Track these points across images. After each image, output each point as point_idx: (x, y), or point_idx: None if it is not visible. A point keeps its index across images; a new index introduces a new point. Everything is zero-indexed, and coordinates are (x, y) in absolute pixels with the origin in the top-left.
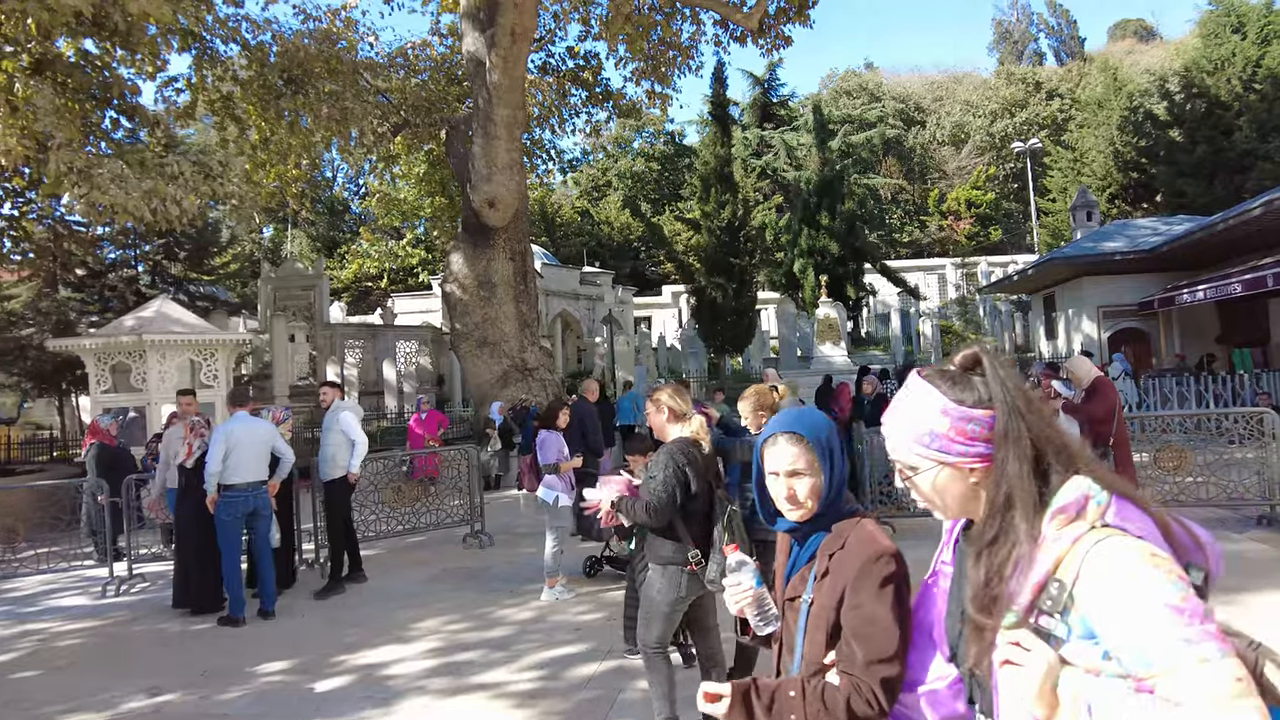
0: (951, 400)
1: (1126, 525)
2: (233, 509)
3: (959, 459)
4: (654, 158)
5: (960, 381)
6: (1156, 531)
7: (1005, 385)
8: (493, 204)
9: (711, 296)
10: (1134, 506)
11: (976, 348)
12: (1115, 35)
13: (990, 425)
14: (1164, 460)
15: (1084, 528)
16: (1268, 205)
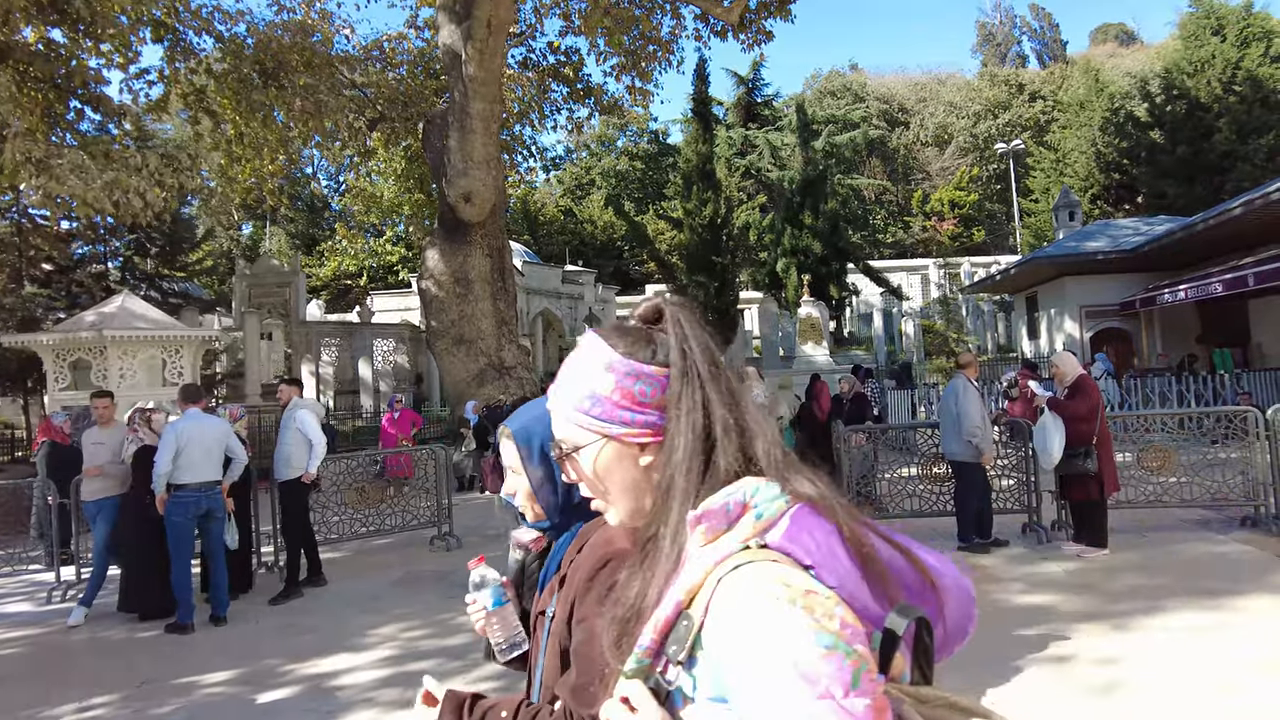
0: (620, 353)
1: (792, 548)
2: (183, 510)
3: (623, 429)
4: (638, 156)
5: (637, 335)
6: (847, 561)
7: (688, 341)
8: (469, 199)
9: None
10: (825, 526)
11: (659, 299)
12: (1096, 39)
13: (665, 387)
14: (1147, 460)
15: (731, 546)
16: (1247, 205)
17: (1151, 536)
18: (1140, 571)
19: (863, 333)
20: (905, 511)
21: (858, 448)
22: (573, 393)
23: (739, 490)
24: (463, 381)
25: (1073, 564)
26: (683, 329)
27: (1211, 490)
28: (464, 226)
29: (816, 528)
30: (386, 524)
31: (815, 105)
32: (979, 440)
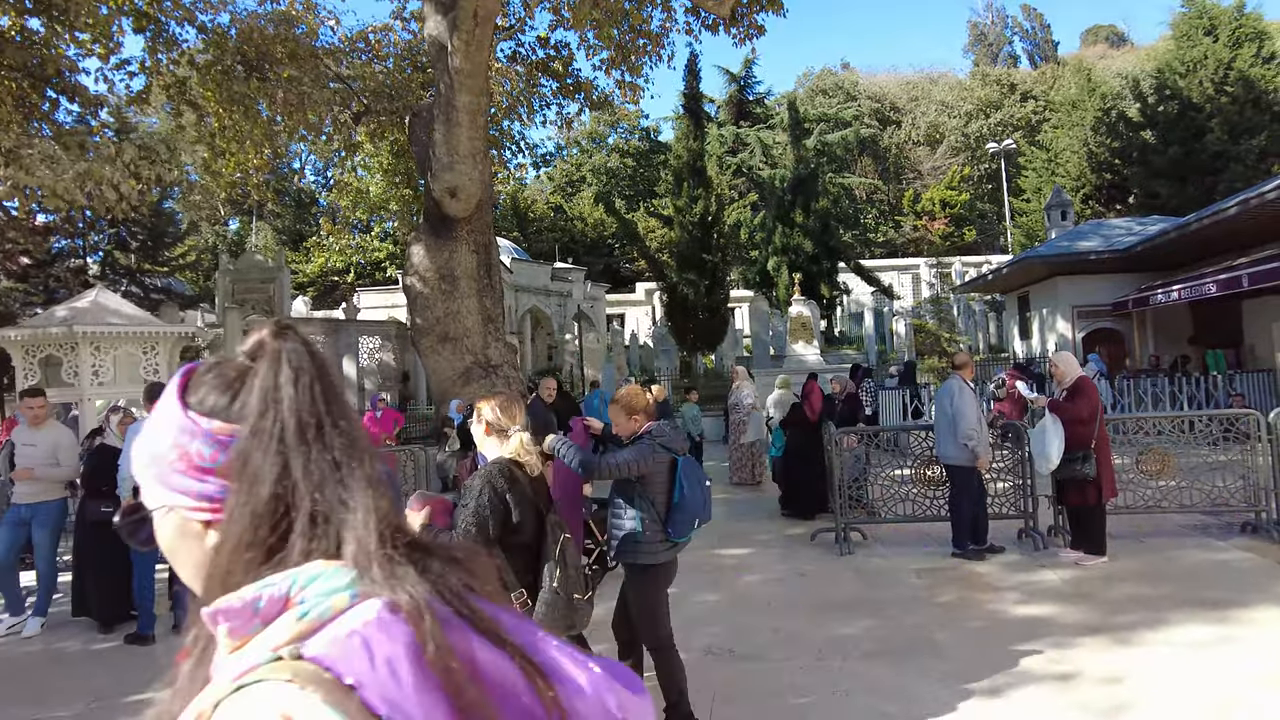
0: (184, 403)
1: (334, 663)
2: None
3: (181, 499)
4: (629, 154)
5: (224, 380)
6: (411, 684)
7: (277, 390)
8: (454, 193)
9: (683, 293)
10: (399, 636)
11: (265, 327)
12: (1087, 40)
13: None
14: (1146, 464)
15: (258, 655)
16: (1243, 204)
17: (1150, 543)
18: (1140, 580)
19: (854, 332)
20: (898, 516)
21: (849, 450)
22: (141, 448)
23: (285, 579)
24: (448, 380)
25: (1070, 572)
26: (276, 372)
27: (1211, 496)
28: (450, 222)
29: (382, 637)
30: None
31: (807, 103)
32: (974, 443)
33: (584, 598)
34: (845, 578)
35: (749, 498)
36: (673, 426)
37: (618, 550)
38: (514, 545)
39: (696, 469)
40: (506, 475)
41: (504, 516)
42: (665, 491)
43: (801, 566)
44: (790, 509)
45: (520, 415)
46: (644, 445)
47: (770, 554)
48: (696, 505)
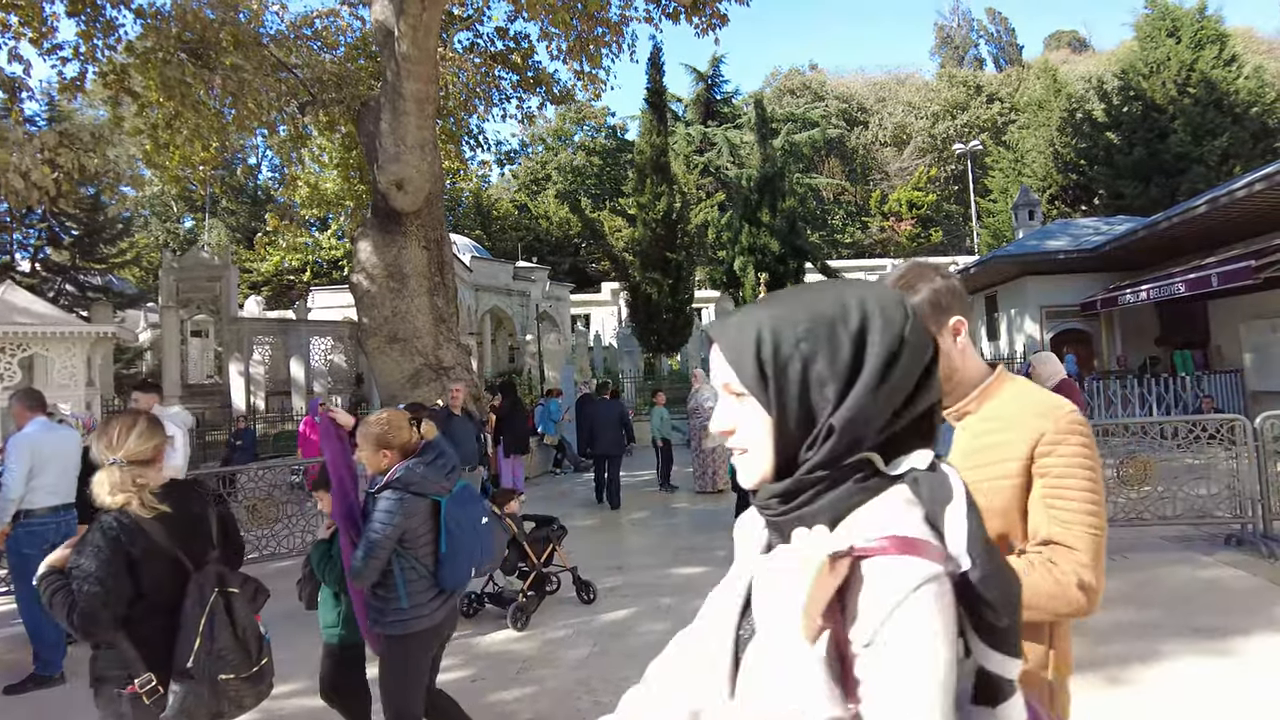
0: None
1: None
2: (37, 540)
3: None
4: (595, 152)
5: None
6: None
7: None
8: (401, 186)
9: (647, 293)
10: None
11: None
12: (1050, 45)
13: None
14: (1128, 472)
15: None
16: (1212, 203)
17: (1133, 559)
18: (1127, 603)
19: None
20: None
21: None
22: None
23: None
24: (396, 383)
25: None
26: None
27: (1195, 507)
28: (398, 216)
29: None
30: (284, 546)
31: (774, 103)
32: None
33: (242, 676)
34: None
35: (709, 508)
36: (429, 463)
37: (373, 621)
38: (138, 618)
39: (469, 506)
40: (128, 531)
41: (127, 592)
42: (431, 542)
43: None
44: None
45: (126, 438)
46: (388, 504)
47: (725, 573)
48: (471, 551)
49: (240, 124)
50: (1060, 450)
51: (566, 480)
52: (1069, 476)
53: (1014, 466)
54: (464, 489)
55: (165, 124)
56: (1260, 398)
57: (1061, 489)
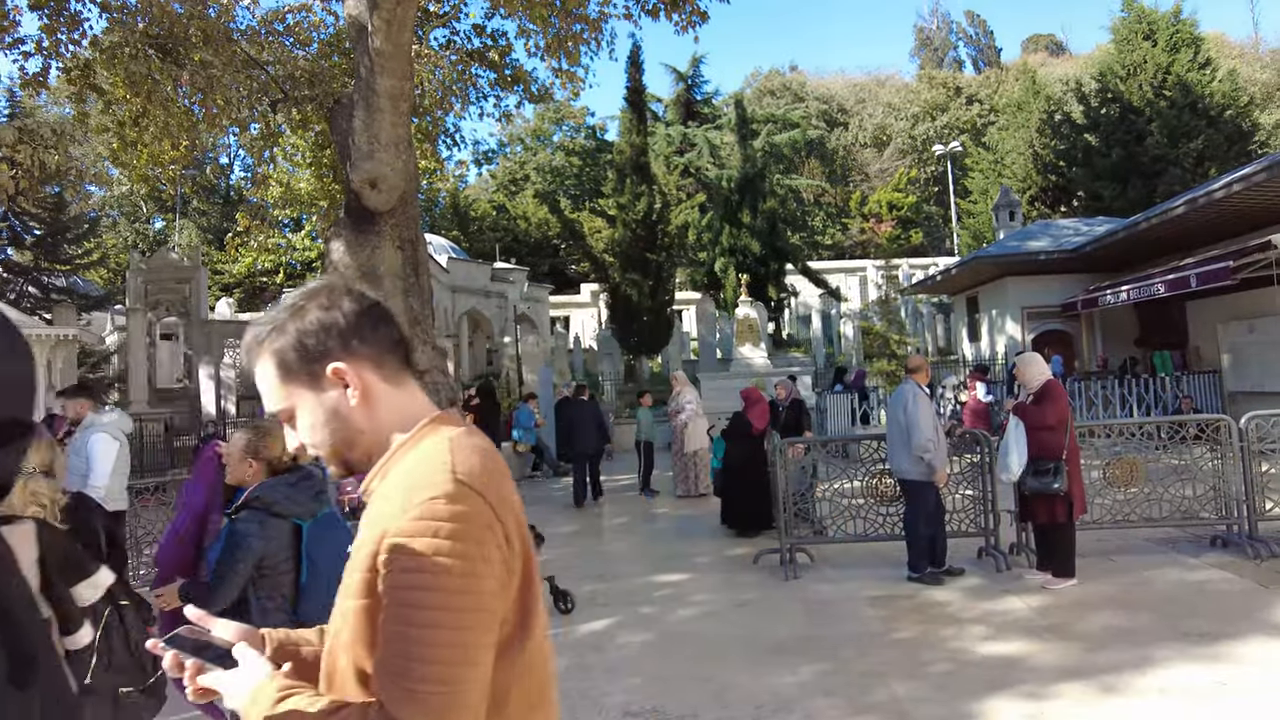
0: None
1: None
2: None
3: None
4: (574, 152)
5: None
6: None
7: None
8: (375, 185)
9: (627, 294)
10: None
11: None
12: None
13: None
14: (1115, 474)
15: None
16: (1190, 204)
17: (1119, 561)
18: (1116, 608)
19: (801, 335)
20: (849, 535)
21: (795, 460)
22: None
23: None
24: None
25: (1038, 598)
26: None
27: (1181, 509)
28: (372, 216)
29: None
30: None
31: (755, 104)
32: (931, 456)
33: (139, 688)
34: (790, 609)
35: (691, 513)
36: (293, 483)
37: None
38: None
39: (333, 531)
40: None
41: None
42: (292, 571)
43: (742, 595)
44: (732, 525)
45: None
46: (246, 525)
47: (708, 580)
48: (333, 582)
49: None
50: (394, 562)
51: (545, 485)
52: (395, 606)
53: (355, 581)
54: (329, 514)
55: (132, 121)
56: (1237, 398)
57: (385, 624)
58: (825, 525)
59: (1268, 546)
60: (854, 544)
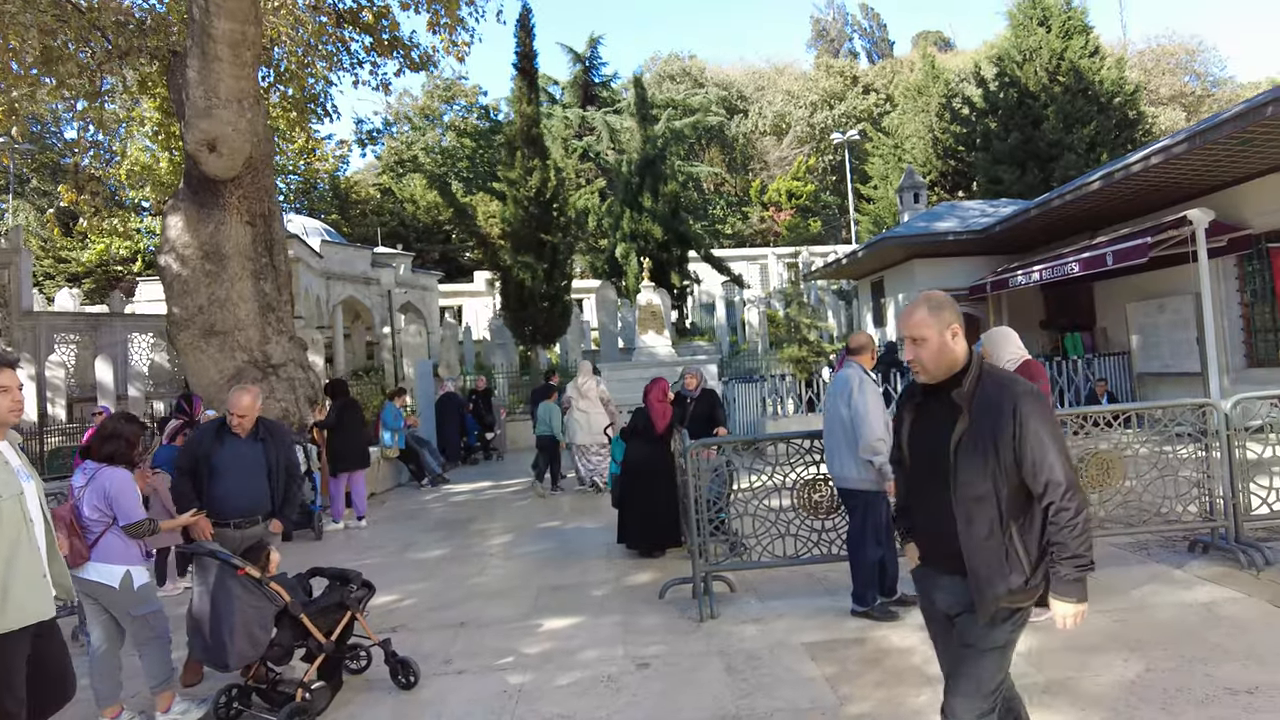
0: None
1: None
2: None
3: None
4: (466, 132)
5: None
6: None
7: None
8: (214, 146)
9: (519, 278)
10: None
11: None
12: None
13: None
14: (1091, 474)
15: None
16: (1107, 178)
17: (1098, 576)
18: (1120, 646)
19: (705, 323)
20: (780, 557)
21: (707, 463)
22: None
23: None
24: (214, 384)
25: (1023, 637)
26: None
27: (1163, 510)
28: (215, 187)
29: None
30: None
31: (655, 88)
32: (883, 460)
33: None
34: (708, 670)
35: (584, 525)
36: None
37: None
38: None
39: None
40: None
41: None
42: None
43: (644, 647)
44: (632, 545)
45: None
46: None
47: (602, 625)
48: None
49: (30, 81)
50: None
51: (417, 497)
52: None
53: None
54: None
55: None
56: (1146, 379)
57: None
58: (746, 544)
59: (1260, 553)
60: (786, 566)
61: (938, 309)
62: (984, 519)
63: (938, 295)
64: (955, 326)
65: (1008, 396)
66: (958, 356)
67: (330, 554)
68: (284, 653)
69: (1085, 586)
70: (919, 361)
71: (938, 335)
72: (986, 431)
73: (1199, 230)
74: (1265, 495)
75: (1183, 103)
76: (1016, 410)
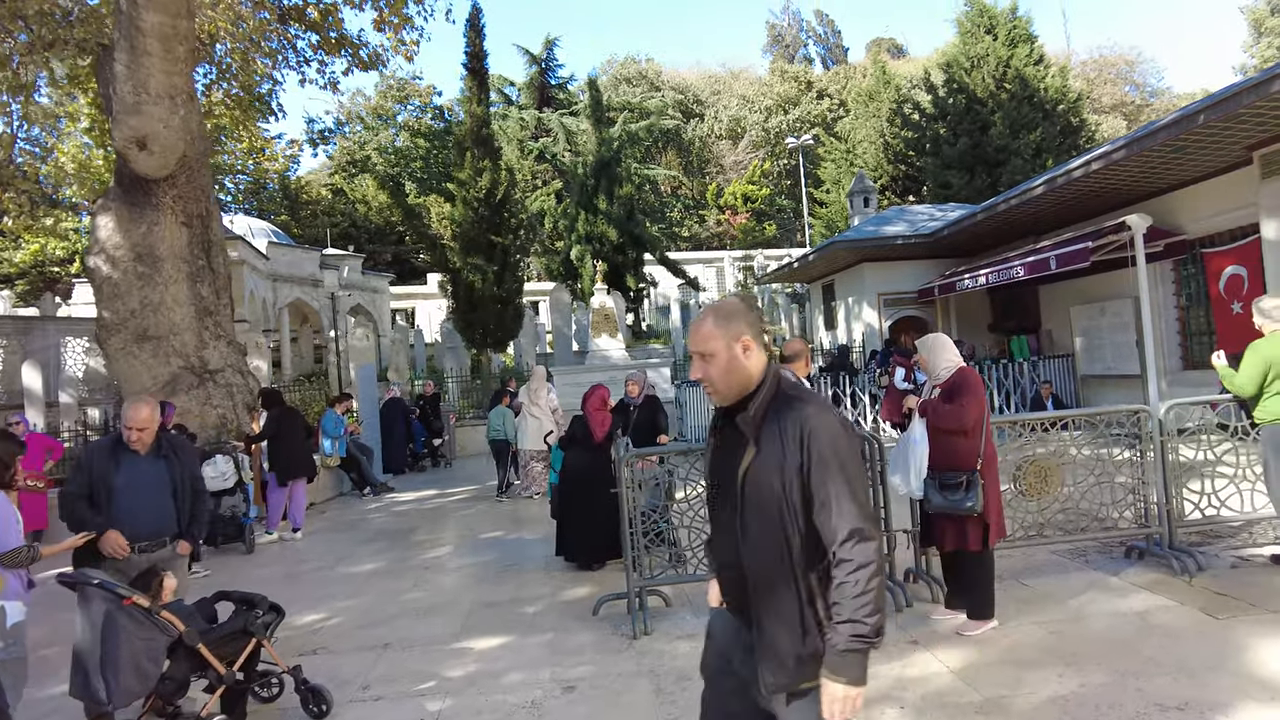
0: None
1: None
2: None
3: None
4: (420, 133)
5: None
6: None
7: None
8: (144, 144)
9: (469, 280)
10: None
11: None
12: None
13: None
14: (1029, 482)
15: None
16: (1050, 183)
17: (1034, 585)
18: (1058, 663)
19: (661, 326)
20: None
21: (646, 473)
22: None
23: None
24: (147, 391)
25: (957, 652)
26: None
27: (1100, 517)
28: (147, 186)
29: None
30: None
31: (611, 91)
32: None
33: None
34: (636, 692)
35: (524, 537)
36: None
37: None
38: None
39: None
40: None
41: None
42: None
43: (572, 669)
44: (571, 558)
45: None
46: None
47: (530, 644)
48: None
49: None
50: None
51: (358, 506)
52: None
53: None
54: None
55: None
56: (1090, 381)
57: None
58: (687, 556)
59: (1193, 559)
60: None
61: (727, 319)
62: (774, 567)
63: (729, 303)
64: (747, 339)
65: (801, 421)
66: (750, 374)
67: (260, 567)
68: (177, 686)
69: (864, 664)
70: (708, 380)
71: (726, 349)
72: (774, 463)
73: (1137, 235)
74: (1198, 500)
75: (1123, 112)
76: (808, 438)
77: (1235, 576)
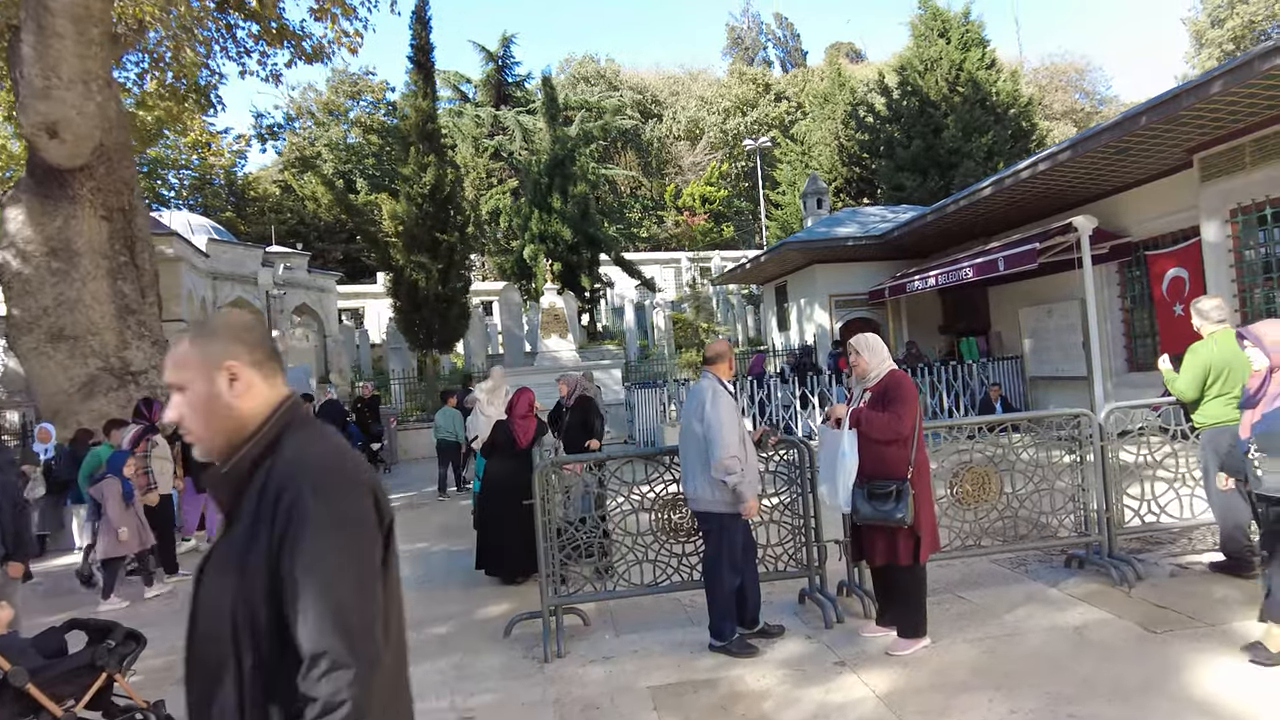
0: None
1: None
2: None
3: None
4: (373, 129)
5: None
6: None
7: None
8: (54, 132)
9: (413, 279)
10: None
11: None
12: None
13: None
14: (965, 490)
15: None
16: (998, 184)
17: (971, 598)
18: (988, 685)
19: (618, 327)
20: (637, 585)
21: (574, 477)
22: None
23: None
24: (63, 393)
25: (885, 674)
26: None
27: (1040, 525)
28: (62, 176)
29: None
30: None
31: (569, 90)
32: (737, 480)
33: None
34: None
35: (450, 548)
36: None
37: None
38: None
39: None
40: None
41: None
42: None
43: (473, 696)
44: (491, 571)
45: None
46: None
47: (435, 669)
48: None
49: None
50: None
51: None
52: None
53: None
54: None
55: None
56: (1038, 383)
57: None
58: (615, 568)
59: (1131, 567)
60: (646, 594)
61: (207, 339)
62: (218, 695)
63: (218, 319)
64: (235, 365)
65: (285, 480)
66: (239, 416)
67: (158, 584)
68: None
69: None
70: (183, 424)
71: (203, 379)
72: (241, 547)
73: (1083, 237)
74: (1138, 507)
75: (1074, 119)
76: (289, 505)
77: (1174, 586)
